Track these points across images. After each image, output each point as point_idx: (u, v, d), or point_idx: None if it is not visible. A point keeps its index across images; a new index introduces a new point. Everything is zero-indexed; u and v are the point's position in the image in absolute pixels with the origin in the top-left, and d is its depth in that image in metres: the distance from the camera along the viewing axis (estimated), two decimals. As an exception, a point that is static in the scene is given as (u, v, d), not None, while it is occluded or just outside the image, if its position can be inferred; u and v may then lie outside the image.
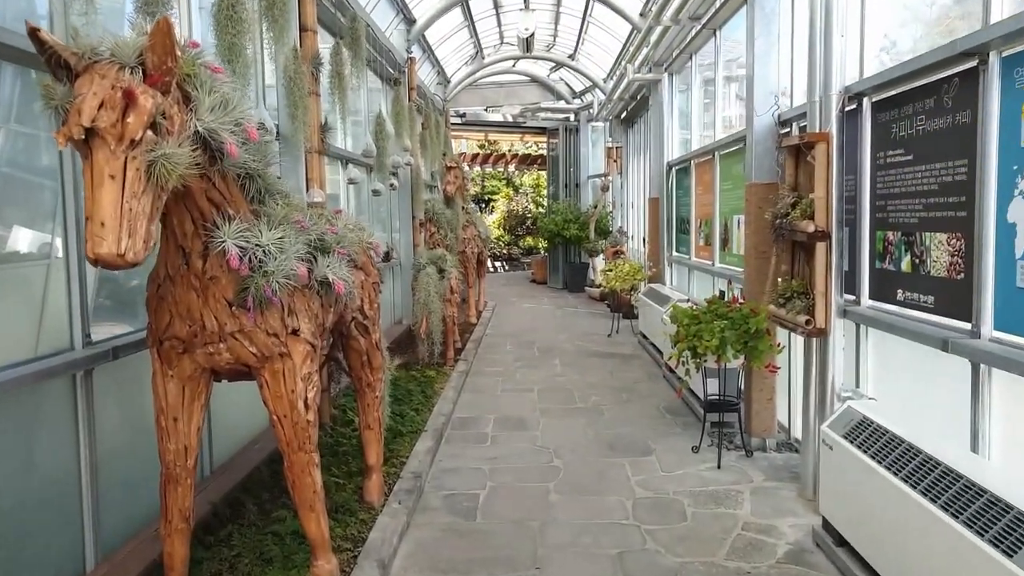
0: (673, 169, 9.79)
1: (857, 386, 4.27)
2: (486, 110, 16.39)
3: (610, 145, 13.97)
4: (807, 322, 4.10)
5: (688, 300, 7.39)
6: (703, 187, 8.35)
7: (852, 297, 4.25)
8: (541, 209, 23.25)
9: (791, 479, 4.82)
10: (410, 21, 10.13)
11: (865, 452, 3.31)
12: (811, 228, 4.01)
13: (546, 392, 7.20)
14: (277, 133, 5.32)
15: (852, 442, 3.45)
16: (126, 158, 2.30)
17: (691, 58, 8.87)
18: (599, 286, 14.25)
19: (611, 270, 9.99)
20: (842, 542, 3.58)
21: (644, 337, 9.38)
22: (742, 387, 5.67)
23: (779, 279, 4.63)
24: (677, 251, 9.68)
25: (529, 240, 24.30)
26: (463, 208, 10.80)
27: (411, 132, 9.06)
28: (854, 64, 4.23)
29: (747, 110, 5.45)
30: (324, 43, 6.18)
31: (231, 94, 2.88)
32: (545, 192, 22.61)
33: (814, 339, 4.26)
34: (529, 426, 6.12)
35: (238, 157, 2.78)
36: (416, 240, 9.91)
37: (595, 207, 14.64)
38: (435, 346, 7.64)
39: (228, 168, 2.89)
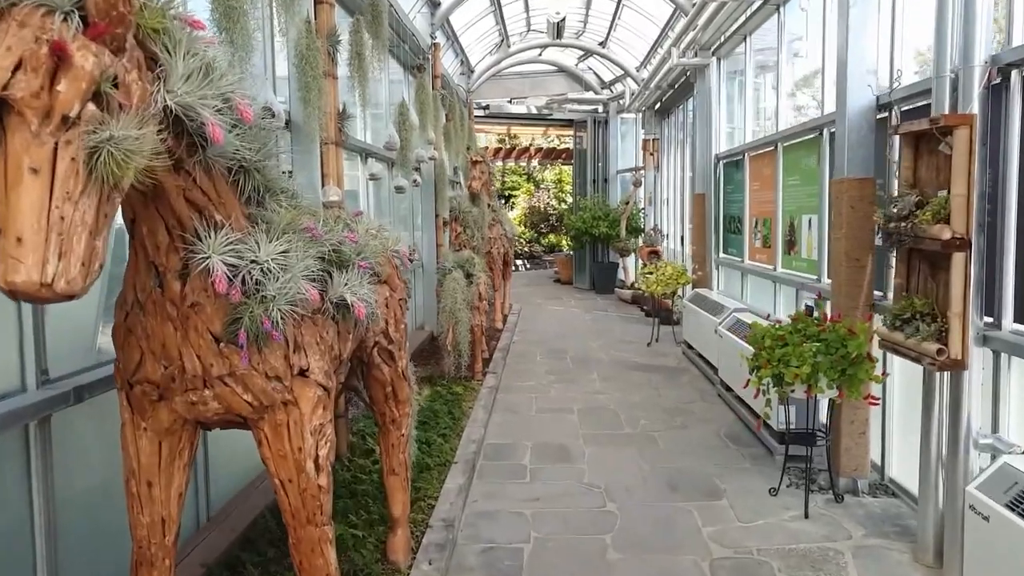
0: (721, 163, 8.97)
1: (995, 431, 3.47)
2: (510, 102, 15.60)
3: (646, 137, 13.13)
4: (939, 351, 3.29)
5: (769, 317, 6.60)
6: (761, 182, 7.53)
7: (990, 319, 3.45)
8: (564, 205, 22.48)
9: (898, 535, 4.02)
10: (434, 4, 9.37)
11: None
12: (946, 234, 3.21)
13: (587, 414, 6.43)
14: (287, 122, 4.59)
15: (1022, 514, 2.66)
16: (56, 144, 1.57)
17: (745, 40, 8.04)
18: (631, 287, 13.45)
19: (651, 272, 9.19)
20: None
21: (689, 347, 8.58)
22: (824, 416, 4.88)
23: (894, 294, 3.83)
24: (725, 253, 8.87)
25: (551, 237, 23.52)
26: (489, 205, 10.04)
27: (435, 124, 8.32)
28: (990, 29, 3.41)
29: (838, 92, 4.64)
30: (342, 20, 5.44)
31: (218, 60, 2.15)
32: (569, 188, 21.83)
33: (945, 372, 3.45)
34: (573, 457, 5.36)
35: (223, 143, 2.04)
36: (440, 240, 9.18)
37: (626, 203, 13.83)
38: (462, 358, 6.90)
39: (214, 159, 2.15)
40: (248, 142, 2.30)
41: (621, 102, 14.90)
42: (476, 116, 14.94)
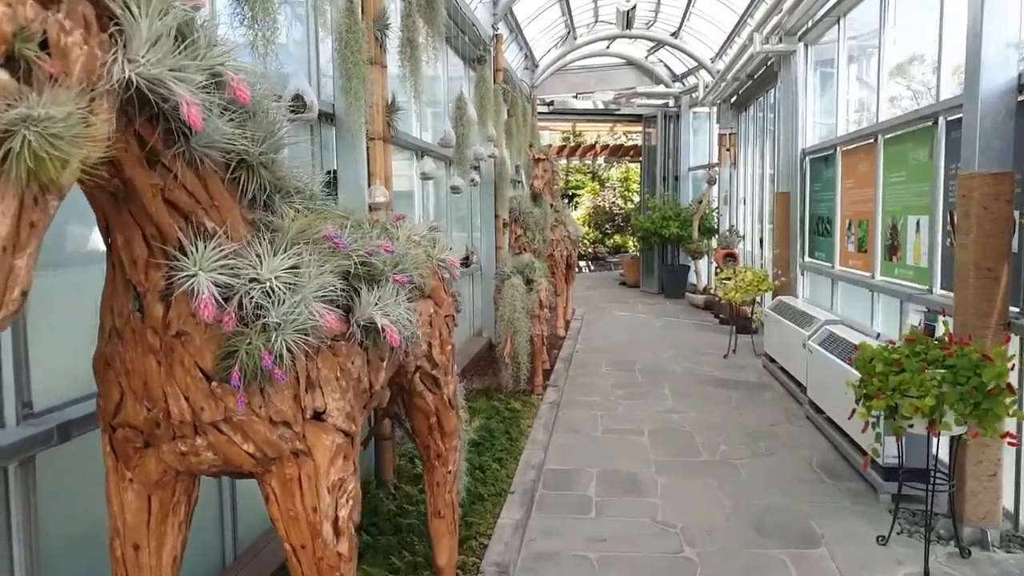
0: (808, 158, 8.19)
1: None
2: (575, 97, 15.01)
3: (722, 131, 12.33)
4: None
5: (879, 336, 5.89)
6: (856, 179, 6.76)
7: None
8: (630, 204, 21.73)
9: (1047, 607, 3.32)
10: (497, -8, 8.91)
11: None
12: None
13: (659, 436, 5.83)
14: (330, 116, 4.17)
15: None
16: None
17: (837, 23, 7.27)
18: (704, 292, 12.70)
19: (729, 278, 8.48)
20: None
21: (771, 360, 7.85)
22: (940, 450, 4.16)
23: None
24: (812, 257, 8.09)
25: (616, 238, 22.79)
26: (551, 205, 9.50)
27: (496, 119, 7.84)
28: None
29: (968, 71, 3.92)
30: (393, 4, 5.01)
31: (207, 25, 1.69)
32: (635, 186, 21.07)
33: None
34: (644, 488, 4.78)
35: (204, 129, 1.58)
36: (499, 243, 8.70)
37: (699, 203, 13.06)
38: (521, 371, 6.39)
39: (201, 151, 1.70)
40: (251, 130, 1.85)
41: (694, 95, 14.14)
42: (539, 113, 14.42)
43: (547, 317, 6.97)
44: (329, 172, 4.27)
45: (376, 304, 2.19)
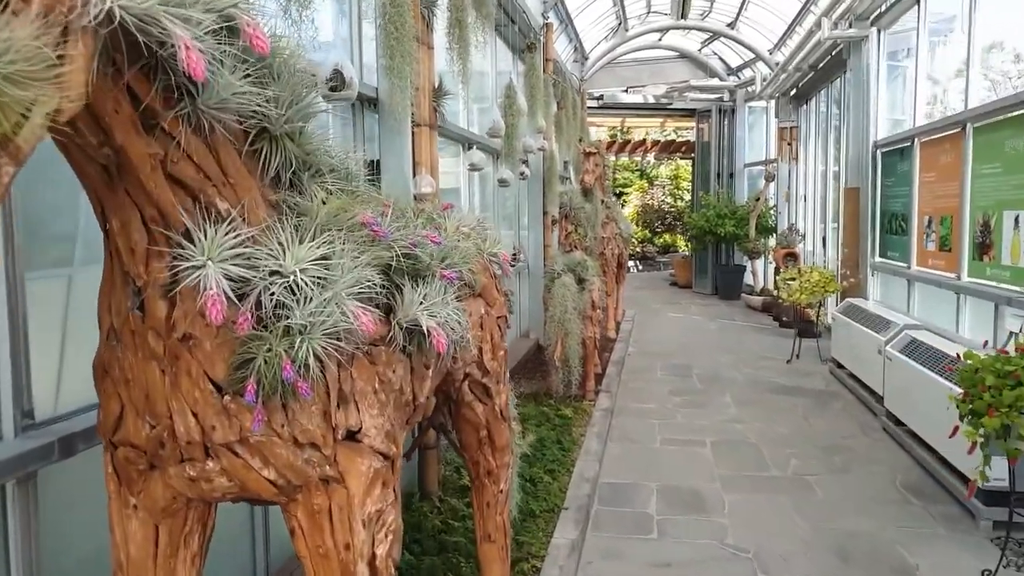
0: (880, 151, 7.64)
1: None
2: (625, 91, 14.55)
3: (782, 124, 11.74)
4: None
5: (987, 345, 5.40)
6: (938, 172, 6.23)
7: None
8: (681, 203, 21.15)
9: None
10: (547, -20, 8.55)
11: None
12: None
13: (723, 448, 5.40)
14: (365, 99, 3.88)
15: None
16: None
17: (916, 4, 6.71)
18: (762, 294, 12.14)
19: (793, 278, 7.97)
20: None
21: (839, 366, 7.33)
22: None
23: None
24: (884, 256, 7.54)
25: (666, 237, 22.21)
26: (603, 201, 9.10)
27: (546, 111, 7.50)
28: None
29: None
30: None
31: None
32: (686, 184, 20.49)
33: None
34: (709, 507, 4.38)
35: (207, 80, 1.28)
36: (548, 240, 8.35)
37: (757, 200, 12.49)
38: (572, 375, 6.03)
39: (212, 114, 1.39)
40: (275, 92, 1.54)
41: (750, 89, 13.57)
42: (589, 107, 14.02)
43: (599, 318, 6.60)
44: (371, 163, 3.98)
45: (421, 303, 1.87)
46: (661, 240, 22.40)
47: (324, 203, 1.68)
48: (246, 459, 1.56)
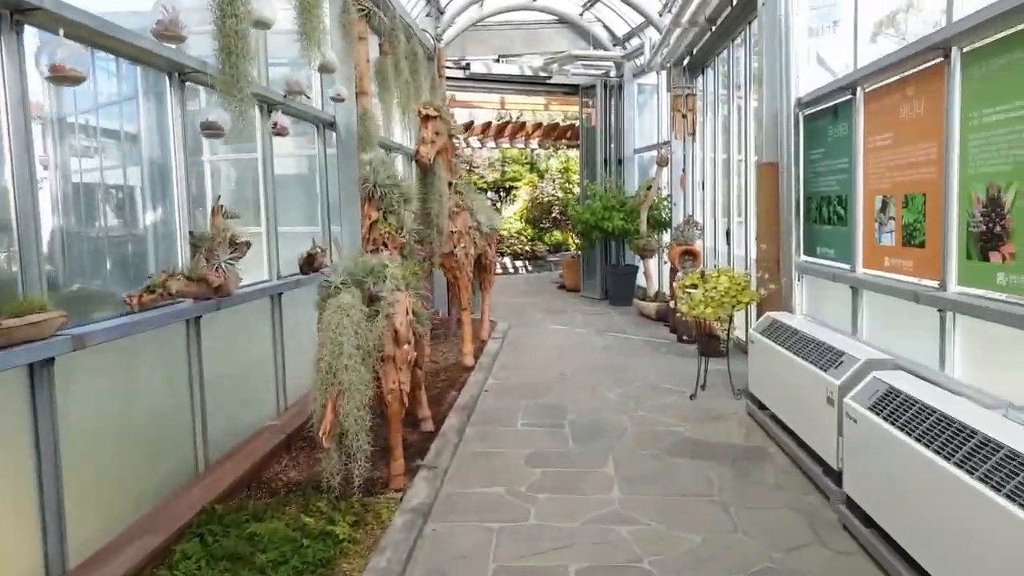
0: (803, 112, 5.72)
1: None
2: (497, 60, 12.32)
3: (677, 93, 9.74)
4: None
5: (1010, 408, 3.39)
6: (897, 132, 4.29)
7: None
8: (570, 196, 19.20)
9: None
10: None
11: None
12: None
13: (594, 583, 3.19)
14: None
15: None
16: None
17: None
18: (655, 299, 10.20)
19: (695, 285, 5.92)
20: None
21: (759, 406, 5.32)
22: None
23: None
24: (814, 254, 5.61)
25: (557, 234, 20.22)
26: (451, 185, 6.80)
27: (349, 38, 5.12)
28: None
29: None
30: None
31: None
32: (576, 176, 18.53)
33: None
34: None
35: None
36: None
37: (648, 188, 10.54)
38: (356, 458, 3.66)
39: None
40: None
41: (639, 61, 11.66)
42: (453, 78, 11.72)
43: (411, 358, 4.20)
44: None
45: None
46: (552, 237, 20.42)
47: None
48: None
